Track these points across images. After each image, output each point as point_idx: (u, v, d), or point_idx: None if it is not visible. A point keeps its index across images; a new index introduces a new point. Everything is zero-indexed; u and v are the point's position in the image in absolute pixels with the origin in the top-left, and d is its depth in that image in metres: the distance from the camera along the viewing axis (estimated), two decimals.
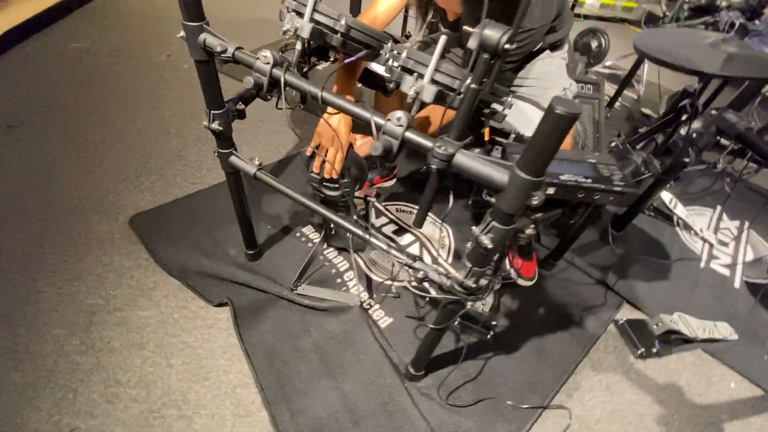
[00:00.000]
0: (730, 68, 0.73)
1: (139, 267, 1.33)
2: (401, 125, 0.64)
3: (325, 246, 1.46)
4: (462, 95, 0.66)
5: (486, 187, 0.63)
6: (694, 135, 1.31)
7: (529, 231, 0.69)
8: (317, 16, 0.76)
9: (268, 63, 0.73)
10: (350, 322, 1.24)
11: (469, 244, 0.73)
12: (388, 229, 1.59)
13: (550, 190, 0.70)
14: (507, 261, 1.51)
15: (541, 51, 1.23)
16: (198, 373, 1.11)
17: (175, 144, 1.79)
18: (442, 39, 0.64)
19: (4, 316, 1.16)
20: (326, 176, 1.07)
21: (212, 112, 0.91)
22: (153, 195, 1.57)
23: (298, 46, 0.78)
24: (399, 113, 0.65)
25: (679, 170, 1.39)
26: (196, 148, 1.77)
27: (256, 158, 1.03)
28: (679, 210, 1.83)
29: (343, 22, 0.75)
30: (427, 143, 0.64)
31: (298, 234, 1.50)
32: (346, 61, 0.80)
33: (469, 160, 0.62)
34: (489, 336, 1.25)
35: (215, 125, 0.92)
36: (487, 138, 0.80)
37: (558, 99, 0.49)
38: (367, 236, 0.88)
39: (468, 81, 0.59)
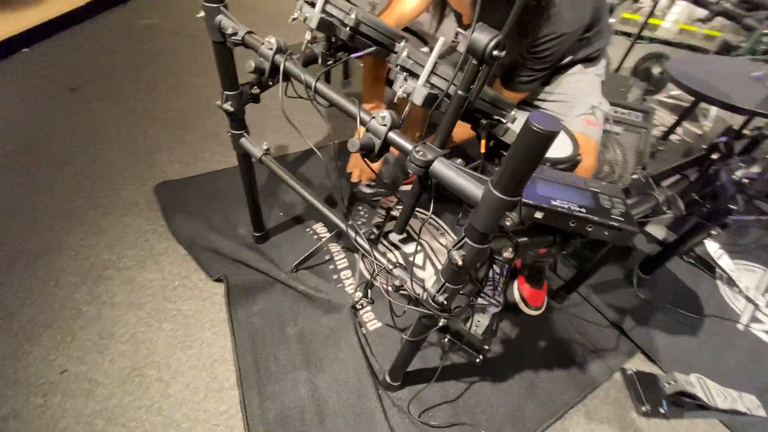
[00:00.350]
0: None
1: (155, 232, 1.40)
2: (385, 124, 0.62)
3: (334, 243, 1.46)
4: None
5: (463, 201, 0.59)
6: (745, 180, 1.17)
7: (507, 254, 0.64)
8: (329, 8, 0.75)
9: (271, 49, 0.74)
10: (338, 320, 1.23)
11: (443, 260, 0.69)
12: (396, 237, 1.56)
13: (538, 215, 0.65)
14: (515, 286, 1.43)
15: (572, 65, 1.15)
16: (184, 341, 1.15)
17: (212, 123, 1.87)
18: (441, 41, 0.61)
19: (30, 256, 1.27)
20: (354, 180, 1.08)
21: (226, 92, 0.94)
22: (182, 167, 1.66)
23: (307, 36, 0.78)
24: (384, 112, 0.63)
25: (722, 217, 1.25)
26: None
27: (265, 143, 1.05)
28: (725, 262, 1.65)
29: (353, 16, 0.74)
30: (407, 146, 0.61)
31: (308, 229, 1.51)
32: (353, 55, 0.79)
33: (447, 170, 0.59)
34: (478, 360, 1.19)
35: (227, 105, 0.95)
36: (483, 150, 0.75)
37: (536, 114, 0.45)
38: (352, 233, 0.87)
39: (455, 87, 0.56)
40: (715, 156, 0.82)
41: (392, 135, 0.63)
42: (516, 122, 0.75)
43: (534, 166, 0.49)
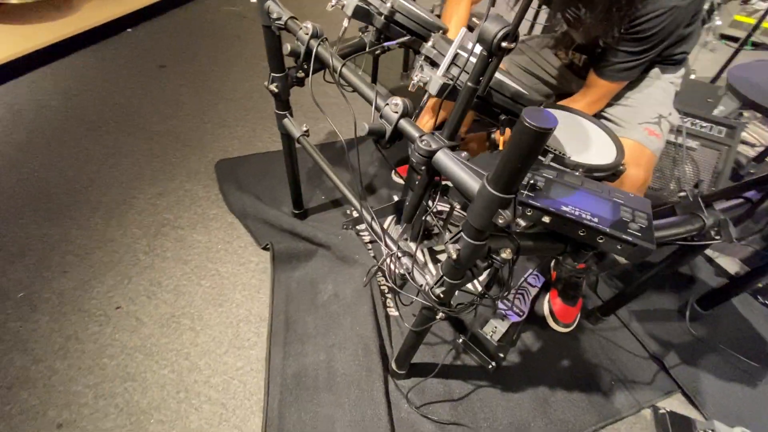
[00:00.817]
0: None
1: (209, 200, 1.55)
2: (397, 111, 0.63)
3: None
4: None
5: (461, 194, 0.59)
6: None
7: (504, 255, 0.62)
8: None
9: (307, 34, 0.78)
10: (362, 296, 1.26)
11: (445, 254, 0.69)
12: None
13: (546, 219, 0.62)
14: (546, 299, 1.36)
15: (650, 66, 1.05)
16: (217, 299, 1.26)
17: (273, 107, 2.00)
18: (462, 31, 0.61)
19: (107, 208, 1.47)
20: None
21: (272, 74, 1.00)
22: (241, 143, 1.80)
23: (345, 23, 0.81)
24: (397, 99, 0.64)
25: None
26: None
27: (305, 125, 1.11)
28: None
29: (388, 4, 0.76)
30: (414, 134, 0.62)
31: (346, 212, 1.56)
32: (386, 44, 0.80)
33: (449, 161, 0.59)
34: (491, 366, 1.17)
35: (273, 86, 1.02)
36: (501, 148, 0.73)
37: (530, 110, 0.44)
38: (367, 216, 0.89)
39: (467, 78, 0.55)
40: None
41: (403, 122, 0.64)
42: None
43: (527, 164, 0.47)
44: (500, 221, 0.53)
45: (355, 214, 1.55)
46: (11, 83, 1.94)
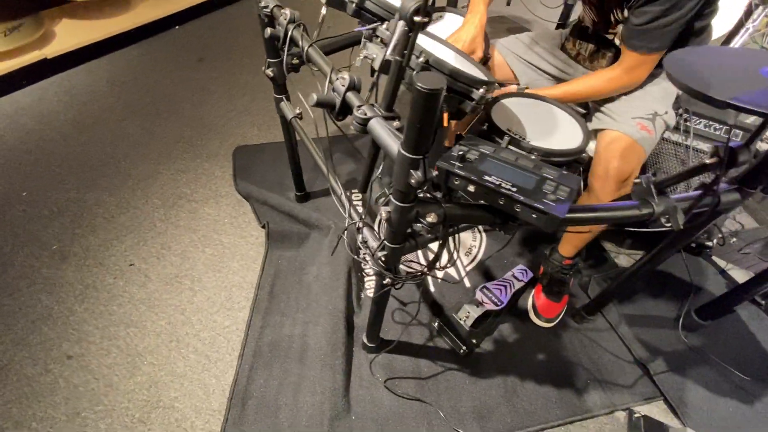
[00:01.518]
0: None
1: (223, 179, 1.69)
2: (344, 85, 0.70)
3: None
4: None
5: (391, 160, 0.64)
6: None
7: (430, 219, 0.66)
8: None
9: (286, 19, 0.87)
10: (340, 278, 1.33)
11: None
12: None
13: (471, 188, 0.65)
14: (532, 293, 1.36)
15: (658, 65, 1.03)
16: (216, 265, 1.39)
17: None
18: (399, 24, 0.66)
19: (134, 179, 1.65)
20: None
21: (268, 59, 1.10)
22: (259, 131, 1.94)
23: (323, 11, 0.89)
24: (345, 74, 0.70)
25: None
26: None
27: (298, 108, 1.20)
28: None
29: None
30: (355, 104, 0.68)
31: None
32: (356, 29, 0.87)
33: (380, 128, 0.64)
34: (462, 350, 1.20)
35: (269, 71, 1.12)
36: (444, 125, 0.77)
37: (421, 75, 0.49)
38: (338, 190, 0.96)
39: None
40: (710, 161, 0.67)
41: (350, 95, 0.70)
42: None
43: (427, 123, 0.52)
44: (412, 181, 0.58)
45: (355, 199, 1.62)
46: (73, 70, 2.22)
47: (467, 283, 1.40)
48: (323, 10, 0.90)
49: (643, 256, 1.07)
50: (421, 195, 0.68)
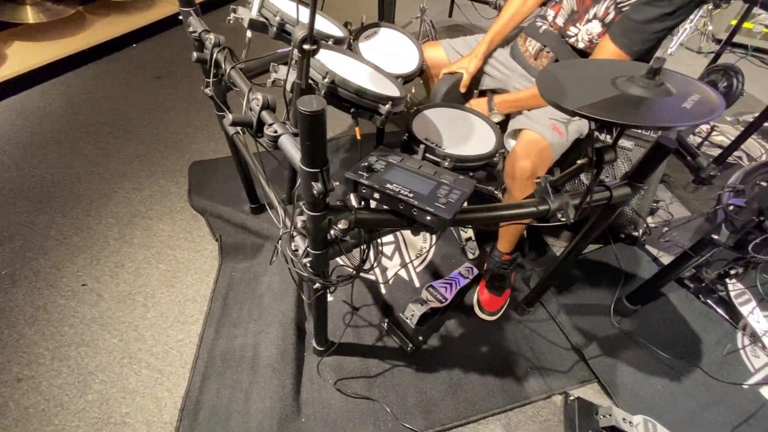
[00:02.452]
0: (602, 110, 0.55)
1: (178, 195, 1.72)
2: (258, 105, 0.76)
3: None
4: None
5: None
6: (731, 207, 1.03)
7: (341, 225, 0.72)
8: (264, 12, 0.91)
9: (211, 44, 0.92)
10: (289, 287, 1.37)
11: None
12: None
13: (376, 195, 0.72)
14: (476, 291, 1.43)
15: None
16: (170, 280, 1.41)
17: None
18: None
19: (89, 200, 1.66)
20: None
21: (206, 80, 1.15)
22: (216, 145, 1.97)
23: (248, 34, 0.95)
24: (258, 95, 0.76)
25: (704, 248, 1.11)
26: None
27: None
28: (749, 310, 1.41)
29: (277, 18, 0.88)
30: (268, 122, 0.74)
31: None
32: (280, 51, 0.93)
33: (288, 145, 0.70)
34: (409, 348, 1.25)
35: (207, 90, 1.16)
36: (358, 137, 0.83)
37: (304, 99, 0.55)
38: (274, 199, 1.01)
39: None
40: (579, 161, 0.75)
41: (264, 113, 0.76)
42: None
43: (316, 141, 0.58)
44: (314, 191, 0.64)
45: None
46: (26, 93, 2.20)
47: (417, 283, 1.46)
48: (248, 33, 0.96)
49: (568, 245, 1.16)
50: (338, 203, 0.75)
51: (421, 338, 1.27)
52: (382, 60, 1.12)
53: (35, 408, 1.10)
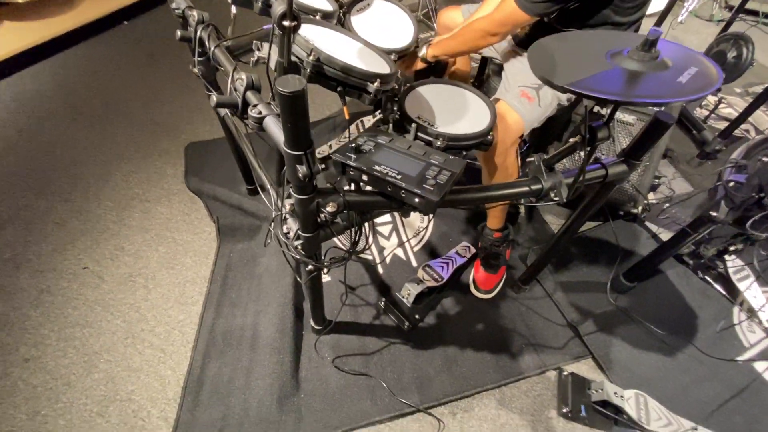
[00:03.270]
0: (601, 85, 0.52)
1: (174, 176, 1.71)
2: (242, 85, 0.74)
3: None
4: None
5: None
6: (731, 184, 1.01)
7: (329, 208, 0.71)
8: None
9: (195, 21, 0.89)
10: (287, 267, 1.38)
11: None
12: None
13: (364, 177, 0.71)
14: (472, 270, 1.43)
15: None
16: (170, 262, 1.43)
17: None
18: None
19: (87, 182, 1.66)
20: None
21: (194, 58, 1.12)
22: (212, 127, 1.94)
23: (233, 10, 0.91)
24: (243, 75, 0.74)
25: (703, 225, 1.10)
26: None
27: None
28: (746, 286, 1.40)
29: None
30: (253, 103, 0.72)
31: None
32: (265, 27, 0.90)
33: (273, 126, 0.69)
34: (405, 325, 1.27)
35: (196, 69, 1.14)
36: (346, 117, 0.81)
37: (281, 78, 0.53)
38: (266, 182, 1.00)
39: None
40: (572, 139, 0.73)
41: (249, 94, 0.74)
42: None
43: (299, 122, 0.57)
44: (300, 175, 0.63)
45: None
46: (17, 75, 2.17)
47: (414, 263, 1.47)
48: (233, 9, 0.92)
49: (565, 222, 1.15)
50: (328, 185, 0.74)
51: (417, 316, 1.29)
52: (374, 35, 1.09)
53: (43, 386, 1.14)
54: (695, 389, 1.20)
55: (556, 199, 0.80)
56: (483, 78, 1.59)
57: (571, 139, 0.73)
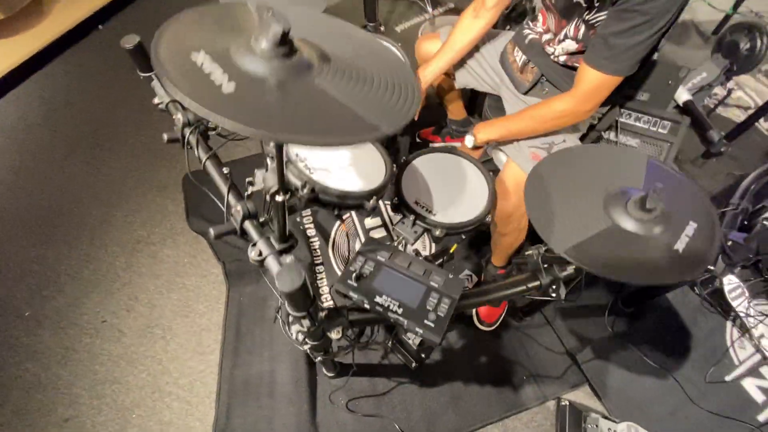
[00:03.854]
0: None
1: (176, 213, 1.72)
2: (239, 216, 0.74)
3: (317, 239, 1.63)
4: None
5: None
6: (730, 243, 1.02)
7: (335, 335, 0.74)
8: None
9: (180, 123, 0.86)
10: None
11: None
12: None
13: (367, 305, 0.73)
14: None
15: None
16: (183, 310, 1.48)
17: None
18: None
19: (91, 227, 1.68)
20: None
21: (187, 161, 1.09)
22: None
23: None
24: (239, 206, 0.74)
25: (698, 275, 1.12)
26: None
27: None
28: (742, 304, 1.45)
29: None
30: (254, 239, 0.73)
31: (297, 219, 1.68)
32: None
33: (275, 268, 0.70)
34: (413, 365, 1.34)
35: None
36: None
37: (281, 275, 0.54)
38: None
39: None
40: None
41: (247, 224, 0.74)
42: None
43: (298, 303, 0.58)
44: (304, 328, 0.65)
45: (305, 222, 1.67)
46: (1, 102, 2.10)
47: None
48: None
49: None
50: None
51: (423, 356, 1.36)
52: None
53: None
54: (685, 411, 1.29)
55: (554, 296, 0.82)
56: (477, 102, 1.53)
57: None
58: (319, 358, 0.93)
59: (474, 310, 1.46)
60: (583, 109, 0.96)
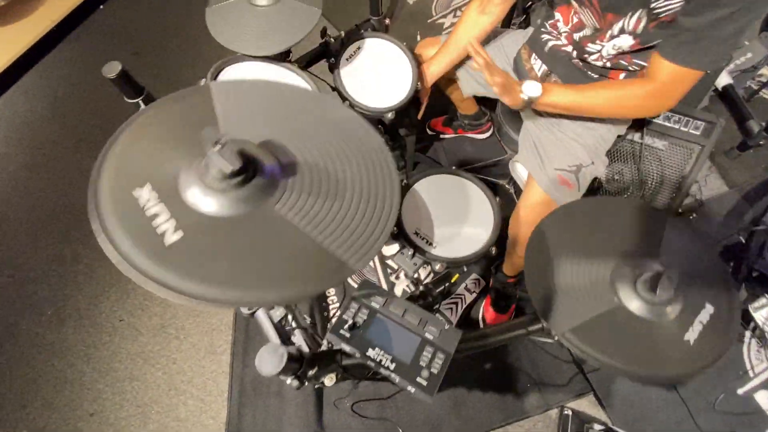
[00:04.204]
0: None
1: None
2: None
3: None
4: None
5: None
6: (755, 275, 0.95)
7: (327, 381, 0.74)
8: None
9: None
10: (304, 309, 1.46)
11: None
12: None
13: (359, 358, 0.72)
14: (483, 304, 1.46)
15: None
16: (194, 310, 1.53)
17: None
18: None
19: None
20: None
21: None
22: None
23: None
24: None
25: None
26: None
27: None
28: (760, 313, 1.38)
29: None
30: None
31: None
32: None
33: (265, 323, 0.69)
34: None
35: None
36: None
37: (260, 357, 0.52)
38: None
39: None
40: None
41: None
42: None
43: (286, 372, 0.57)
44: (294, 386, 0.65)
45: None
46: (7, 95, 2.10)
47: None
48: None
49: None
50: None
51: None
52: (368, 91, 0.99)
53: None
54: (691, 423, 1.28)
55: (556, 338, 0.79)
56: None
57: None
58: (317, 385, 0.94)
59: (481, 316, 1.45)
60: (667, 105, 0.87)
